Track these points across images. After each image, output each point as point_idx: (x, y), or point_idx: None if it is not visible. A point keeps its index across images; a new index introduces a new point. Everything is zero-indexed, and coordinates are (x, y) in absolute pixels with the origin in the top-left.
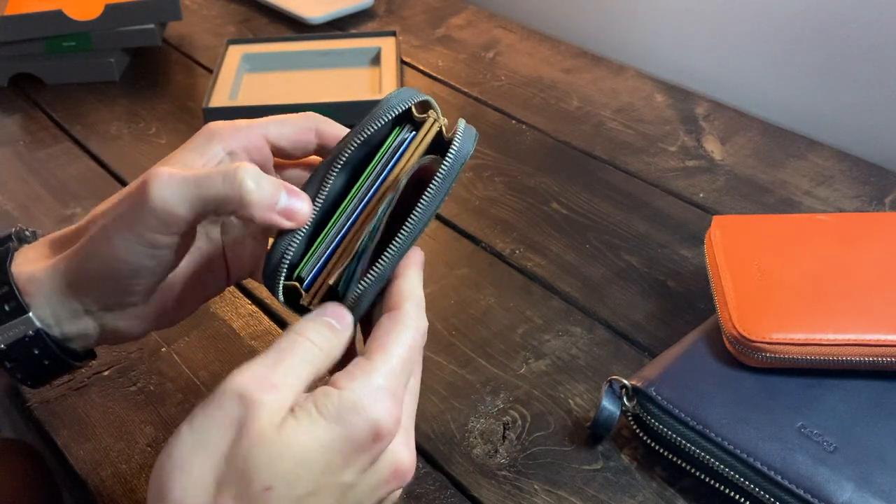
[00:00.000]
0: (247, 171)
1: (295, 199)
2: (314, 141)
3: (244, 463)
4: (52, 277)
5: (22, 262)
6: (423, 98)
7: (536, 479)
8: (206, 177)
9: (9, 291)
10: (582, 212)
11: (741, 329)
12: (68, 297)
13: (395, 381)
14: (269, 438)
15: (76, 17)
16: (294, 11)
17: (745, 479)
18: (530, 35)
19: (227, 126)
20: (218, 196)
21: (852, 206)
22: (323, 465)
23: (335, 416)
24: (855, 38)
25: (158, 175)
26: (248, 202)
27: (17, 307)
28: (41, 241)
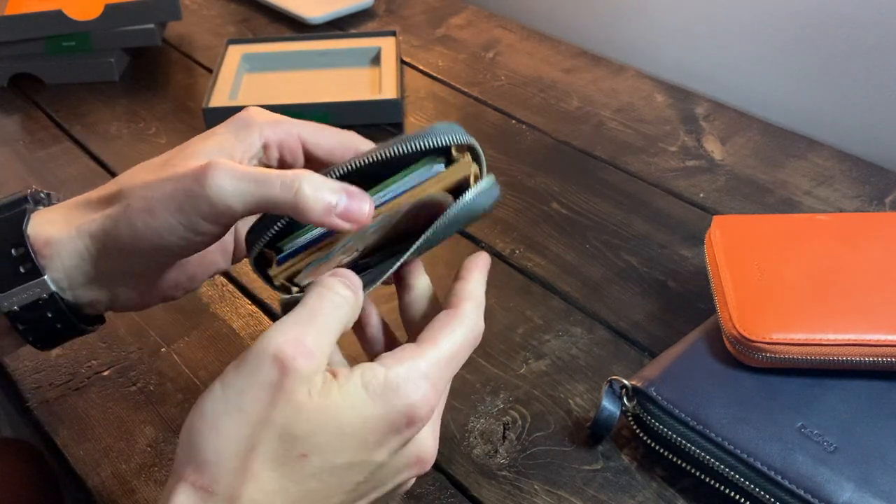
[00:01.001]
0: (305, 179)
1: (355, 202)
2: None
3: (282, 430)
4: (73, 241)
5: (39, 224)
6: (469, 141)
7: (536, 480)
8: (266, 178)
9: (25, 253)
10: (582, 212)
11: (741, 329)
12: (87, 263)
13: (439, 372)
14: (309, 406)
15: (76, 17)
16: (294, 11)
17: (746, 480)
18: (530, 35)
19: (267, 117)
20: (275, 200)
21: (852, 206)
22: (359, 440)
23: (379, 393)
24: (855, 38)
25: (220, 165)
26: (305, 209)
27: (33, 269)
28: (60, 205)
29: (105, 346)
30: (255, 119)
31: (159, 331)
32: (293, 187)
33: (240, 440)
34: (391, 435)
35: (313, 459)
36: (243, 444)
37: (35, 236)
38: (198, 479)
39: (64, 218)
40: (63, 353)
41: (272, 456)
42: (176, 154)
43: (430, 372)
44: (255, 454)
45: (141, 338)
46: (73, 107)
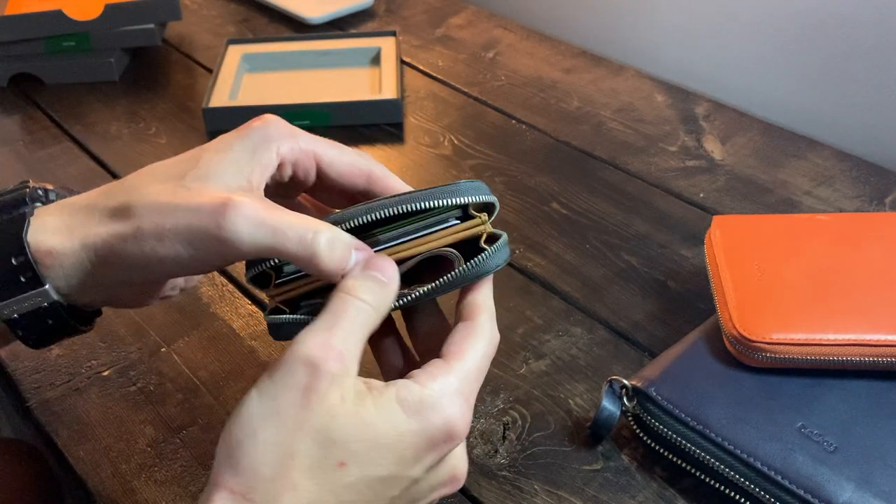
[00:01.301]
0: (323, 236)
1: (364, 258)
2: (363, 184)
3: (318, 434)
4: (77, 254)
5: (40, 232)
6: (490, 199)
7: (536, 480)
8: (283, 230)
9: (25, 262)
10: (582, 212)
11: (741, 329)
12: (89, 274)
13: (469, 386)
14: (342, 411)
15: (76, 17)
16: (294, 11)
17: (746, 480)
18: (530, 35)
19: (285, 132)
20: (288, 253)
21: (852, 206)
22: (397, 454)
23: (416, 410)
24: (855, 38)
25: (239, 209)
26: (318, 266)
27: (34, 278)
28: (61, 207)
29: (105, 346)
30: (272, 134)
31: (159, 331)
32: (312, 247)
33: (277, 445)
34: (429, 451)
35: (351, 469)
36: (281, 449)
37: (36, 245)
38: (236, 485)
39: (66, 226)
40: (63, 354)
41: (310, 463)
42: (189, 168)
43: (462, 387)
44: (293, 461)
45: (141, 338)
46: (73, 107)
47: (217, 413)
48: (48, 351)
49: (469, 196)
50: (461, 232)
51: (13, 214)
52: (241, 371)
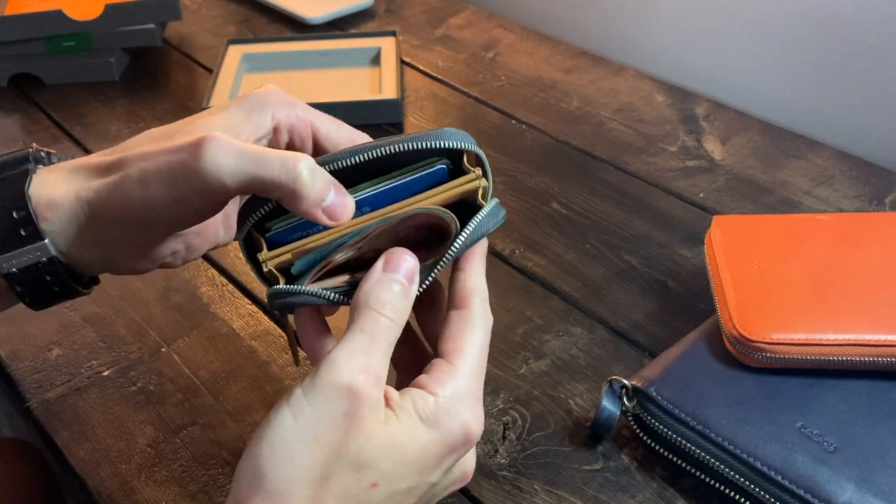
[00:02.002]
0: (303, 162)
1: (340, 198)
2: None
3: (354, 458)
4: (73, 206)
5: (41, 186)
6: (475, 149)
7: (536, 479)
8: (264, 157)
9: (26, 216)
10: (582, 212)
11: (741, 329)
12: (86, 228)
13: (476, 384)
14: (377, 435)
15: (76, 17)
16: (294, 11)
17: (746, 480)
18: (530, 35)
19: (282, 99)
20: (271, 180)
21: (852, 206)
22: (419, 464)
23: (434, 421)
24: (855, 38)
25: (217, 140)
26: (300, 194)
27: (34, 232)
28: (62, 167)
29: (105, 346)
30: (270, 100)
31: (159, 331)
32: (294, 170)
33: (314, 468)
34: (448, 456)
35: (381, 489)
36: (317, 472)
37: (37, 198)
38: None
39: (66, 181)
40: (63, 353)
41: (344, 487)
42: (182, 126)
43: (470, 387)
44: (328, 484)
45: (141, 338)
46: (73, 107)
47: (217, 413)
48: (48, 351)
49: (457, 142)
50: (456, 188)
51: (16, 171)
52: (241, 371)
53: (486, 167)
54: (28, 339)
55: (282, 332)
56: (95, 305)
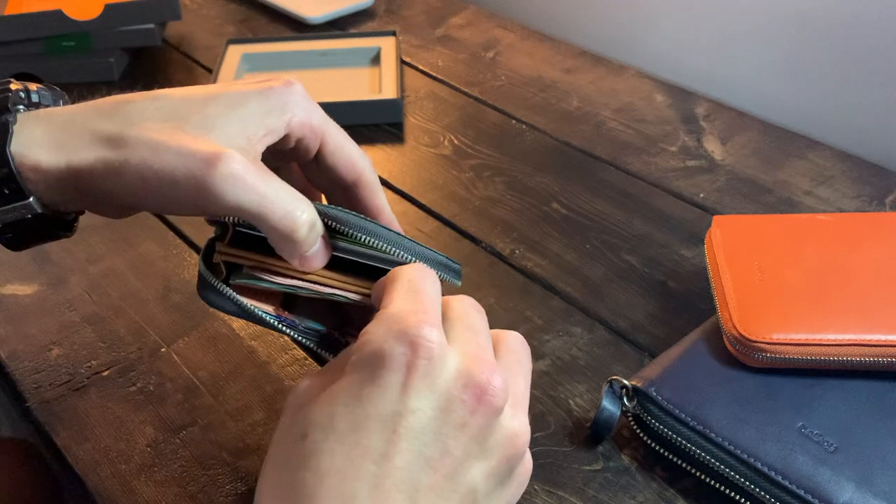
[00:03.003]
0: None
1: (320, 253)
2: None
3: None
4: (62, 173)
5: (26, 144)
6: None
7: (536, 479)
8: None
9: (8, 174)
10: (582, 212)
11: (741, 329)
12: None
13: (403, 303)
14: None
15: (76, 17)
16: (294, 11)
17: (746, 480)
18: (530, 35)
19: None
20: (269, 223)
21: (852, 206)
22: (353, 399)
23: (354, 361)
24: (855, 38)
25: (232, 165)
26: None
27: (17, 190)
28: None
29: (105, 346)
30: (291, 104)
31: (159, 331)
32: (293, 226)
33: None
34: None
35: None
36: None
37: (21, 158)
38: None
39: (55, 142)
40: (63, 354)
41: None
42: (194, 112)
43: (396, 310)
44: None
45: (141, 338)
46: None
47: (217, 413)
48: (48, 351)
49: (444, 273)
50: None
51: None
52: (241, 371)
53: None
54: (28, 339)
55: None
56: (95, 305)
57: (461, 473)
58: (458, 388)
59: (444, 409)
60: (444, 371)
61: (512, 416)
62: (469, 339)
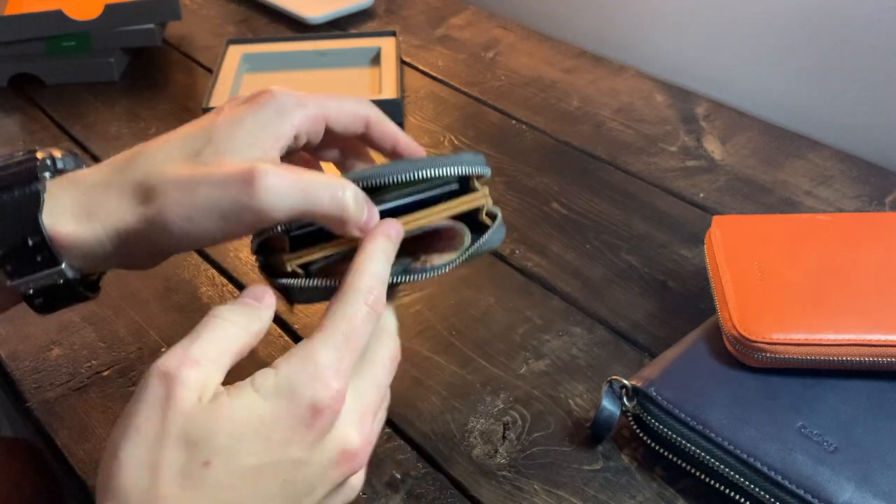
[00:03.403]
0: (349, 190)
1: (371, 213)
2: (361, 129)
3: (178, 440)
4: (97, 235)
5: (57, 213)
6: (487, 170)
7: (536, 480)
8: (314, 190)
9: (41, 242)
10: (582, 212)
11: (741, 329)
12: (110, 253)
13: (337, 354)
14: (200, 413)
15: (76, 17)
16: (294, 11)
17: (746, 480)
18: (530, 35)
19: (296, 103)
20: (322, 212)
21: (852, 206)
22: (262, 438)
23: (272, 392)
24: (855, 37)
25: (268, 176)
26: (346, 222)
27: (50, 257)
28: (73, 184)
29: (105, 346)
30: (285, 108)
31: (159, 331)
32: (342, 202)
33: (140, 461)
34: (299, 429)
35: (217, 467)
36: (145, 465)
37: (53, 228)
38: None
39: (85, 209)
40: (63, 353)
41: (176, 471)
42: (203, 144)
43: (326, 361)
44: (159, 473)
45: (141, 338)
46: (73, 107)
47: None
48: (48, 351)
49: (470, 167)
50: (465, 204)
51: (26, 191)
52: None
53: (487, 179)
54: (28, 339)
55: (281, 332)
56: (95, 305)
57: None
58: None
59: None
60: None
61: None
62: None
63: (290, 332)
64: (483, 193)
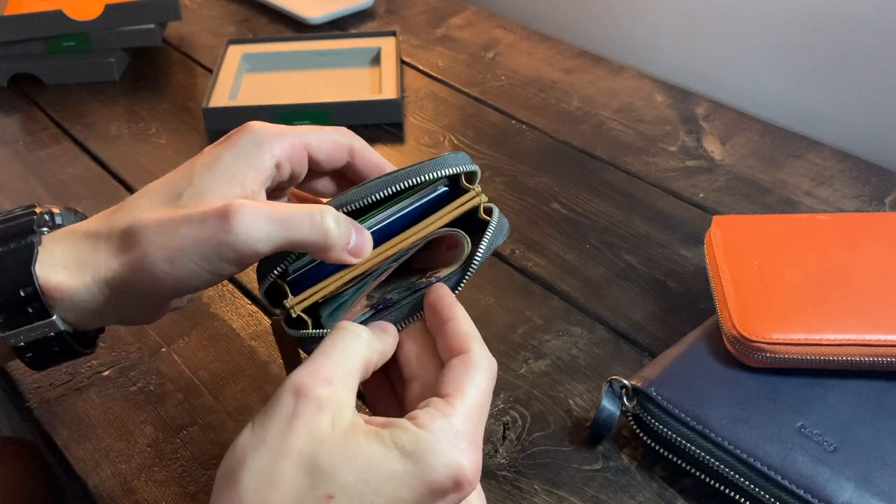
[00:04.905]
0: (329, 215)
1: (360, 237)
2: (346, 158)
3: (305, 461)
4: (87, 288)
5: (48, 264)
6: (474, 167)
7: (536, 479)
8: (292, 219)
9: (33, 293)
10: (582, 212)
11: (741, 329)
12: (101, 305)
13: (475, 426)
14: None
15: (76, 17)
16: (294, 11)
17: (745, 480)
18: (530, 35)
19: (273, 133)
20: (302, 241)
21: (852, 206)
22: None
23: (411, 452)
24: (855, 37)
25: (244, 210)
26: (331, 246)
27: (41, 309)
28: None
29: (105, 346)
30: (263, 138)
31: (159, 331)
32: (323, 227)
33: (261, 472)
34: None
35: (339, 502)
36: (265, 476)
37: (45, 280)
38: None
39: (74, 259)
40: None
41: (295, 493)
42: (184, 188)
43: (465, 428)
44: (277, 489)
45: (141, 338)
46: (73, 107)
47: (217, 413)
48: None
49: (456, 167)
50: (459, 207)
51: (21, 243)
52: (241, 371)
53: (477, 180)
54: None
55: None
56: None
57: None
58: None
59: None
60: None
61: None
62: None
63: None
64: (475, 192)
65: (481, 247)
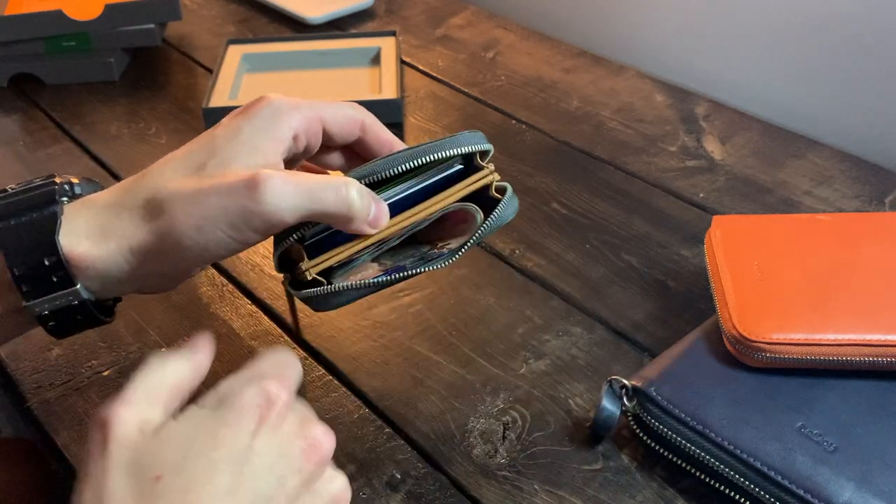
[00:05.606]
0: (353, 187)
1: (378, 209)
2: (357, 133)
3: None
4: (112, 254)
5: (72, 234)
6: (489, 146)
7: (536, 480)
8: (318, 190)
9: (57, 262)
10: (582, 212)
11: (741, 329)
12: (124, 272)
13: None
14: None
15: (76, 17)
16: (294, 11)
17: (746, 480)
18: (530, 35)
19: (291, 105)
20: (327, 211)
21: (852, 206)
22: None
23: (214, 403)
24: (855, 37)
25: (272, 180)
26: (353, 218)
27: (65, 277)
28: (86, 206)
29: (105, 346)
30: (280, 109)
31: (159, 331)
32: (347, 199)
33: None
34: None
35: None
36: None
37: (69, 248)
38: None
39: (99, 229)
40: (63, 353)
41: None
42: (207, 158)
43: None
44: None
45: (141, 338)
46: (73, 107)
47: None
48: (48, 351)
49: (473, 145)
50: (473, 184)
51: (44, 213)
52: None
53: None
54: (28, 339)
55: (281, 333)
56: None
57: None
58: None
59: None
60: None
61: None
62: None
63: (290, 332)
64: (489, 170)
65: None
